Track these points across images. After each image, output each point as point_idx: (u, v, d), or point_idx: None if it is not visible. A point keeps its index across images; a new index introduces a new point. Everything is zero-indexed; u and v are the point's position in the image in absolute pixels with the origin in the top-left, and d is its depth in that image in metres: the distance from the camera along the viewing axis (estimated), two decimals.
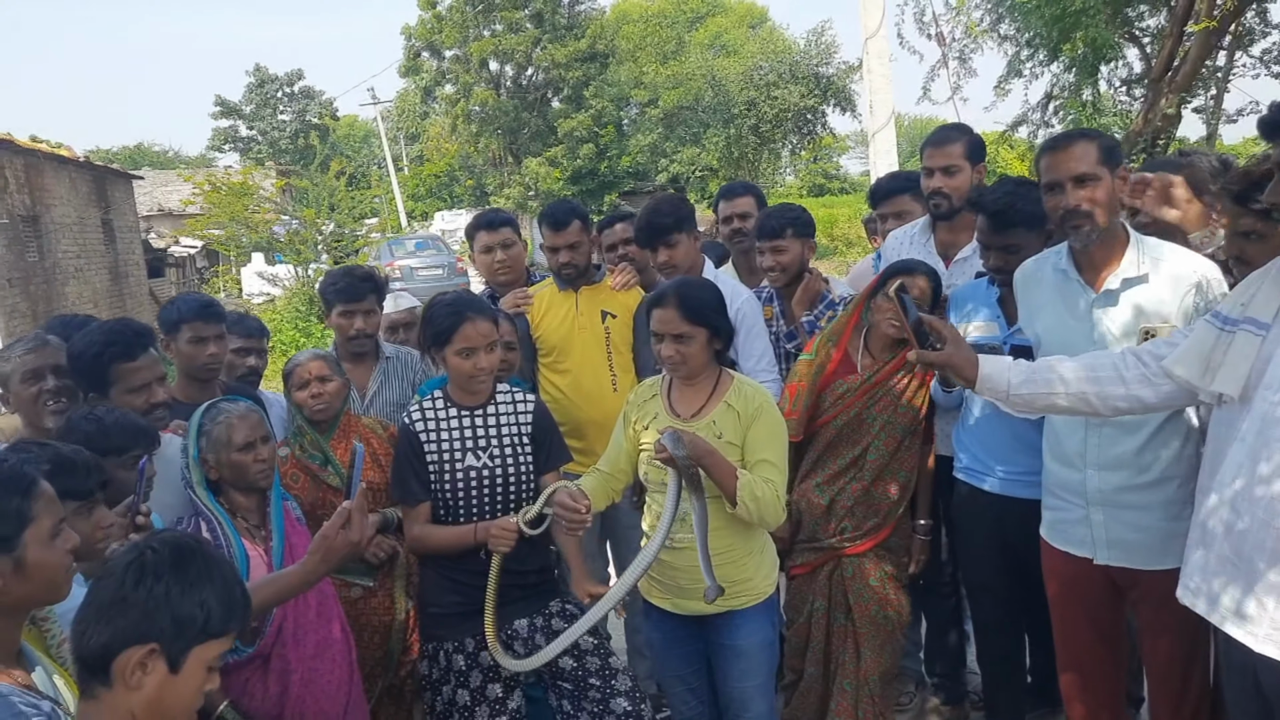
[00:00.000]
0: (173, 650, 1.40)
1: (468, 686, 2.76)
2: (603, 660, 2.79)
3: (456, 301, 2.81)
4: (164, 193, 26.82)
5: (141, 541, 1.49)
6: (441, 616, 2.83)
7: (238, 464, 2.58)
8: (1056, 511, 2.74)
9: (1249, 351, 2.09)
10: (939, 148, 3.38)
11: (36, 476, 1.65)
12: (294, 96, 56.22)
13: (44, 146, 14.90)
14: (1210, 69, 13.40)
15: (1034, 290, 2.76)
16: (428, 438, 2.81)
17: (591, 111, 27.50)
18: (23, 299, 12.20)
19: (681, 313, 2.59)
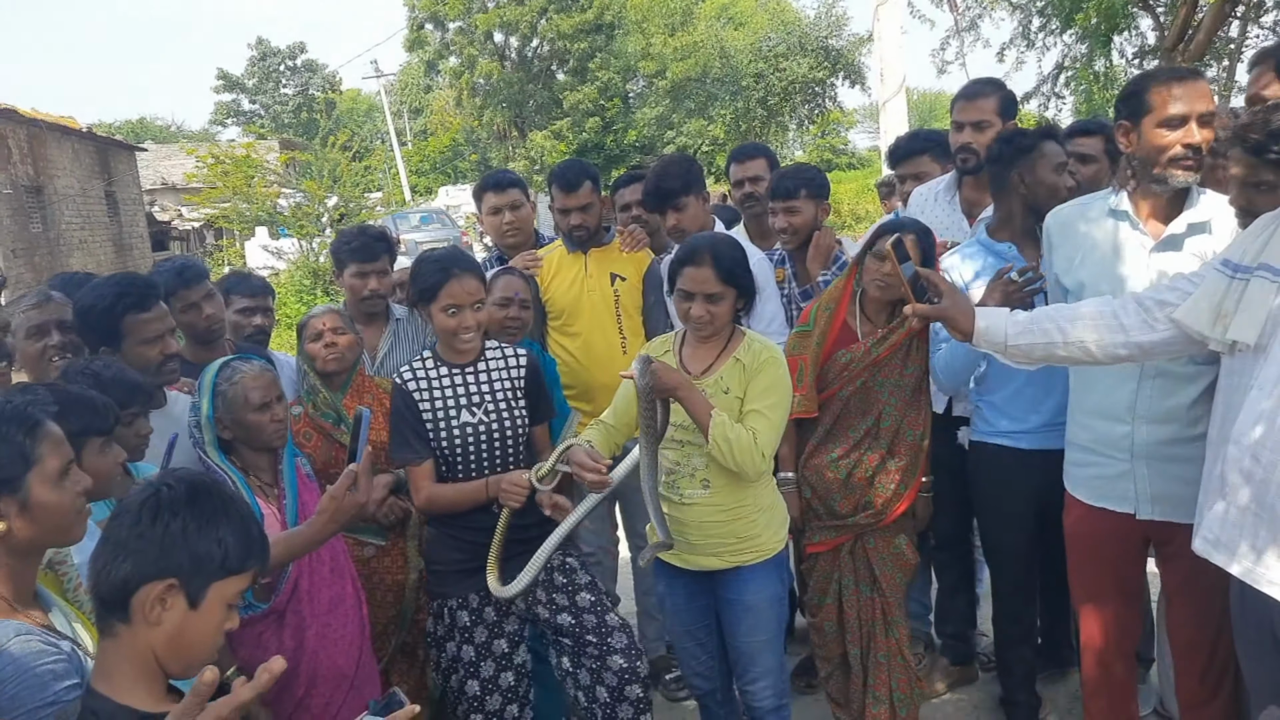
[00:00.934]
0: (192, 586, 1.39)
1: (473, 642, 2.78)
2: (599, 618, 2.78)
3: (444, 258, 2.80)
4: (167, 166, 26.73)
5: (157, 479, 1.47)
6: (446, 574, 2.83)
7: (254, 424, 2.56)
8: (1093, 468, 2.66)
9: (1265, 298, 2.06)
10: (970, 101, 3.31)
11: (42, 418, 1.64)
12: (296, 70, 56.01)
13: (47, 116, 14.83)
14: (1223, 40, 13.25)
15: (1076, 235, 2.66)
16: (421, 396, 2.79)
17: (598, 84, 27.30)
18: (27, 269, 12.20)
19: (717, 272, 2.56)
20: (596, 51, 27.46)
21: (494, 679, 2.79)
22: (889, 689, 3.00)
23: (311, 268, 16.07)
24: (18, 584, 1.59)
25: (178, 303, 2.97)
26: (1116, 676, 2.81)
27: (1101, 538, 2.69)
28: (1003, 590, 3.23)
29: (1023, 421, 3.02)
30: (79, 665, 1.49)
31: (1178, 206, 2.51)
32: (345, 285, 3.52)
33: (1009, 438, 3.06)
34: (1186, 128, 2.39)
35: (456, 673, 2.79)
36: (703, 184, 3.62)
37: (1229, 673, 2.59)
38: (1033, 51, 13.62)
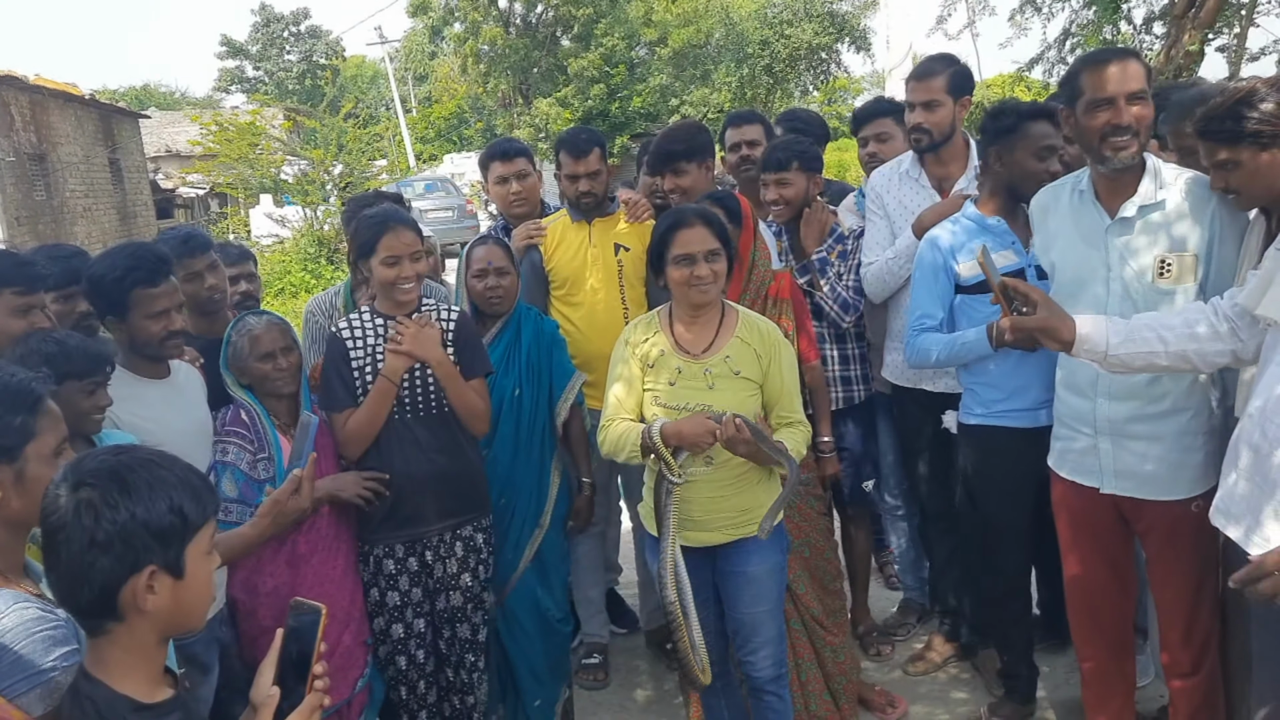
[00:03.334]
0: (169, 560, 1.36)
1: (397, 589, 2.92)
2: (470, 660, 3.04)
3: (379, 214, 2.93)
4: (171, 133, 26.62)
5: (67, 479, 1.37)
6: (372, 522, 2.91)
7: (258, 372, 2.74)
8: (1065, 441, 2.74)
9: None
10: (920, 81, 3.32)
11: (43, 393, 1.65)
12: (300, 36, 55.57)
13: (44, 80, 14.75)
14: (1235, 6, 13.06)
15: (1050, 217, 2.71)
16: (354, 345, 2.90)
17: (602, 50, 27.01)
18: (31, 237, 12.20)
19: (711, 230, 2.60)
20: (601, 17, 27.14)
21: (412, 625, 2.94)
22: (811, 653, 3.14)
23: (316, 235, 16.05)
24: (7, 556, 1.59)
25: (181, 271, 2.98)
26: (1110, 646, 2.83)
27: (1081, 511, 2.74)
28: (1002, 566, 3.23)
29: (1023, 397, 3.02)
30: (75, 632, 1.50)
31: (1134, 184, 2.52)
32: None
33: (1003, 417, 3.06)
34: (1115, 107, 2.42)
35: (382, 616, 2.93)
36: (709, 153, 3.59)
37: (1211, 647, 2.62)
38: (1039, 18, 13.44)
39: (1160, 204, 2.49)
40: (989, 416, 3.08)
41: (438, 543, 2.95)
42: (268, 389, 2.78)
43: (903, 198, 3.45)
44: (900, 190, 3.46)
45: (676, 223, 2.63)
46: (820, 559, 3.25)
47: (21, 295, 2.41)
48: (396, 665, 2.95)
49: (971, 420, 3.14)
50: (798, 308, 3.30)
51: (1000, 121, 2.97)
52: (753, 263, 3.22)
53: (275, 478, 2.70)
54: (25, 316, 2.41)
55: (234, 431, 2.72)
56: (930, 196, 3.39)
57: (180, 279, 2.94)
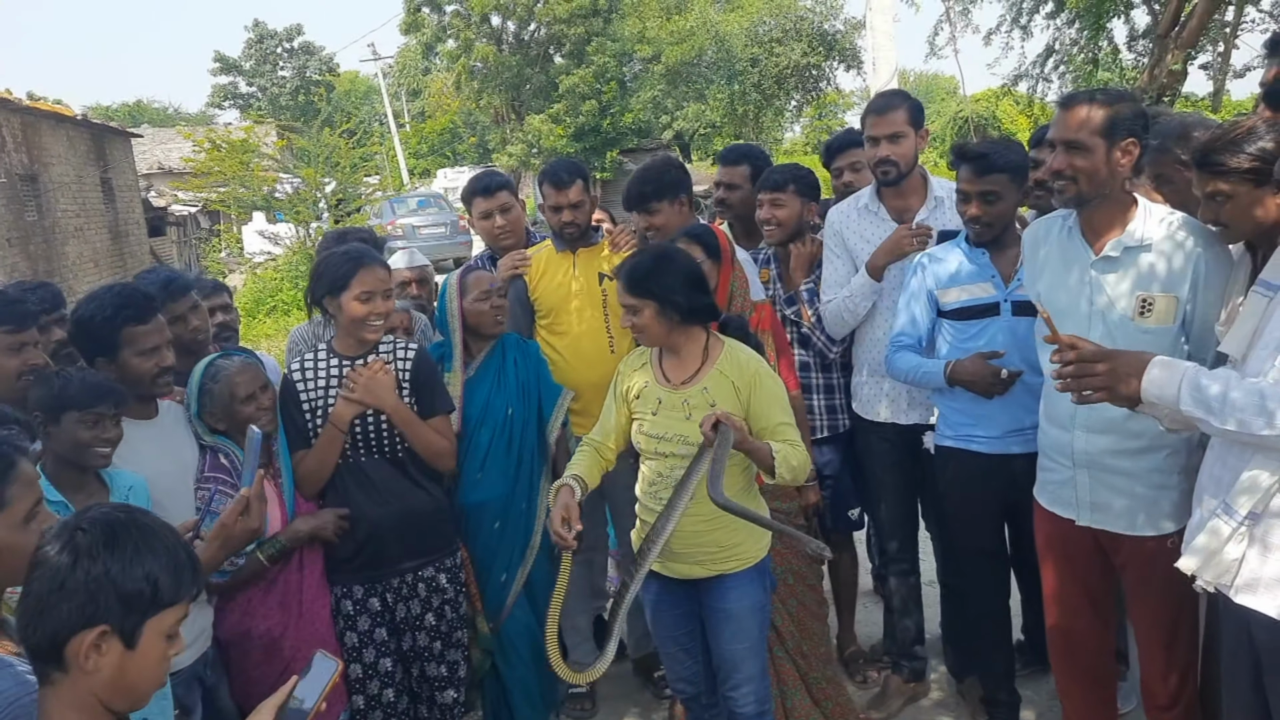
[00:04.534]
0: (125, 627, 1.34)
1: (355, 629, 2.95)
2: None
3: (351, 251, 2.92)
4: (164, 150, 26.63)
5: (70, 521, 1.39)
6: (334, 564, 2.94)
7: (242, 415, 2.73)
8: (1047, 472, 2.77)
9: (1256, 311, 2.11)
10: (882, 115, 3.35)
11: (16, 458, 1.62)
12: (294, 52, 55.69)
13: (41, 104, 14.79)
14: (1218, 24, 13.22)
15: (1041, 248, 2.76)
16: (305, 387, 2.90)
17: (594, 67, 27.19)
18: (22, 258, 12.19)
19: (625, 285, 2.66)
20: (593, 35, 27.32)
21: (374, 664, 2.95)
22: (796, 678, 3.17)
23: (308, 253, 16.05)
24: None
25: (164, 313, 3.01)
26: (1089, 675, 2.86)
27: (1060, 541, 2.77)
28: (974, 592, 3.28)
29: (985, 426, 3.08)
30: None
31: (1122, 223, 2.57)
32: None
33: (972, 441, 3.13)
34: (1054, 153, 2.52)
35: (341, 656, 2.93)
36: (682, 190, 3.60)
37: (1189, 680, 2.66)
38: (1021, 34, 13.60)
39: (1146, 245, 2.53)
40: (957, 440, 3.16)
41: (399, 584, 2.97)
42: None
43: (863, 232, 3.49)
44: (860, 225, 3.49)
45: (614, 270, 2.75)
46: (804, 586, 3.28)
47: (13, 333, 2.44)
48: (354, 704, 2.97)
49: (943, 442, 3.22)
50: (778, 339, 3.35)
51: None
52: (731, 294, 3.26)
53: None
54: (19, 354, 2.44)
55: (215, 478, 2.72)
56: (890, 229, 3.43)
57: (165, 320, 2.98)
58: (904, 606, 3.62)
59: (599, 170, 27.82)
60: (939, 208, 3.44)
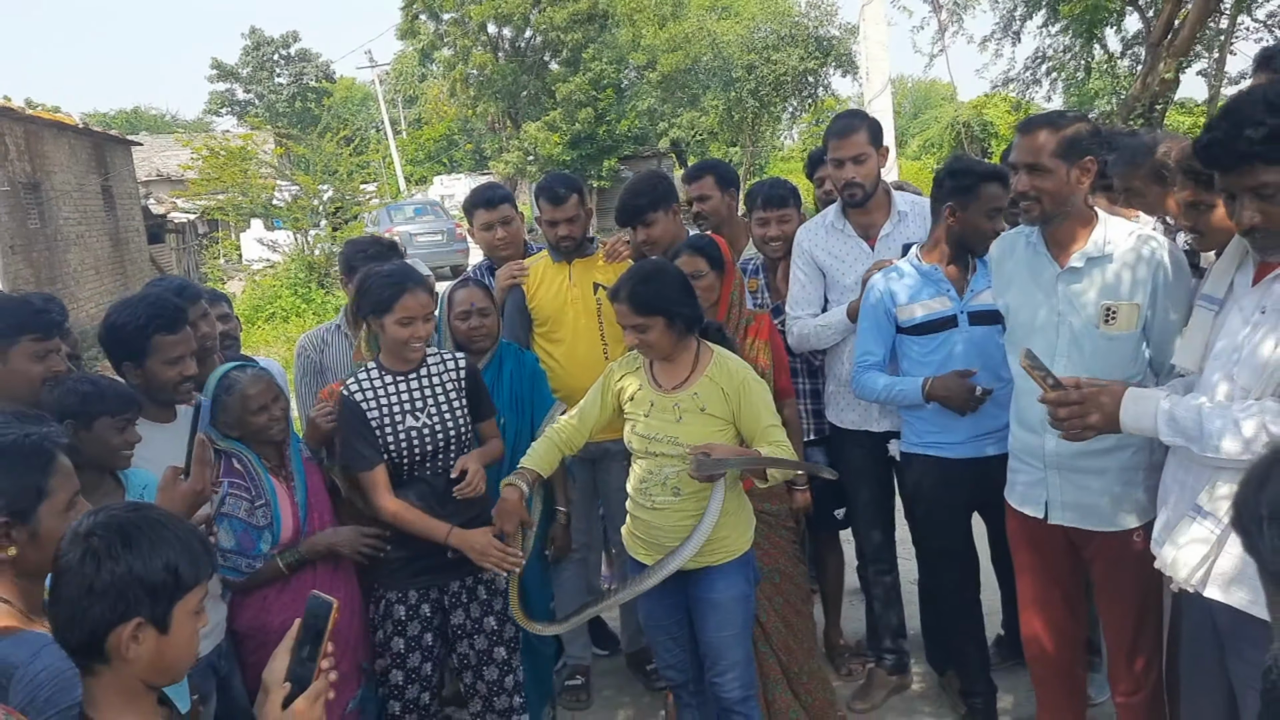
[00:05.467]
0: (156, 615, 1.46)
1: (404, 635, 3.02)
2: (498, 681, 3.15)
3: (395, 273, 2.98)
4: (162, 158, 26.75)
5: (81, 528, 1.50)
6: (391, 569, 3.03)
7: (255, 425, 2.85)
8: (1017, 474, 2.89)
9: (1204, 325, 2.26)
10: (844, 138, 3.46)
11: (55, 451, 1.76)
12: (290, 59, 55.87)
13: (41, 112, 14.92)
14: (1213, 31, 13.39)
15: (1007, 262, 2.88)
16: (368, 405, 2.98)
17: (590, 75, 27.35)
18: (25, 266, 12.31)
19: (631, 306, 2.76)
20: (589, 42, 27.49)
21: (417, 669, 3.04)
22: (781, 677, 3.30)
23: (306, 260, 16.18)
24: (30, 600, 1.71)
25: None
26: (1061, 665, 3.00)
27: (1032, 539, 2.90)
28: (945, 590, 3.43)
29: (951, 433, 3.23)
30: None
31: (1084, 236, 2.71)
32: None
33: (939, 448, 3.27)
34: (1017, 176, 2.66)
35: (383, 659, 3.04)
36: (673, 199, 3.78)
37: (1154, 666, 2.79)
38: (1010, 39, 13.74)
39: (1108, 256, 2.67)
40: (922, 446, 3.31)
41: (458, 588, 3.06)
42: (262, 438, 2.88)
43: (832, 249, 3.61)
44: (829, 242, 3.62)
45: (611, 295, 2.86)
46: (790, 584, 3.40)
47: (39, 341, 2.54)
48: (391, 708, 3.06)
49: (908, 449, 3.37)
50: (775, 348, 3.48)
51: (960, 180, 3.18)
52: (730, 303, 3.42)
53: (273, 523, 2.85)
54: (43, 361, 2.53)
55: (229, 481, 2.83)
56: (858, 245, 3.57)
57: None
58: (884, 603, 3.76)
59: (596, 178, 27.96)
60: (902, 222, 3.58)
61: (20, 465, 1.71)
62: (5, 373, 2.50)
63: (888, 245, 3.55)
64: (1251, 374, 2.11)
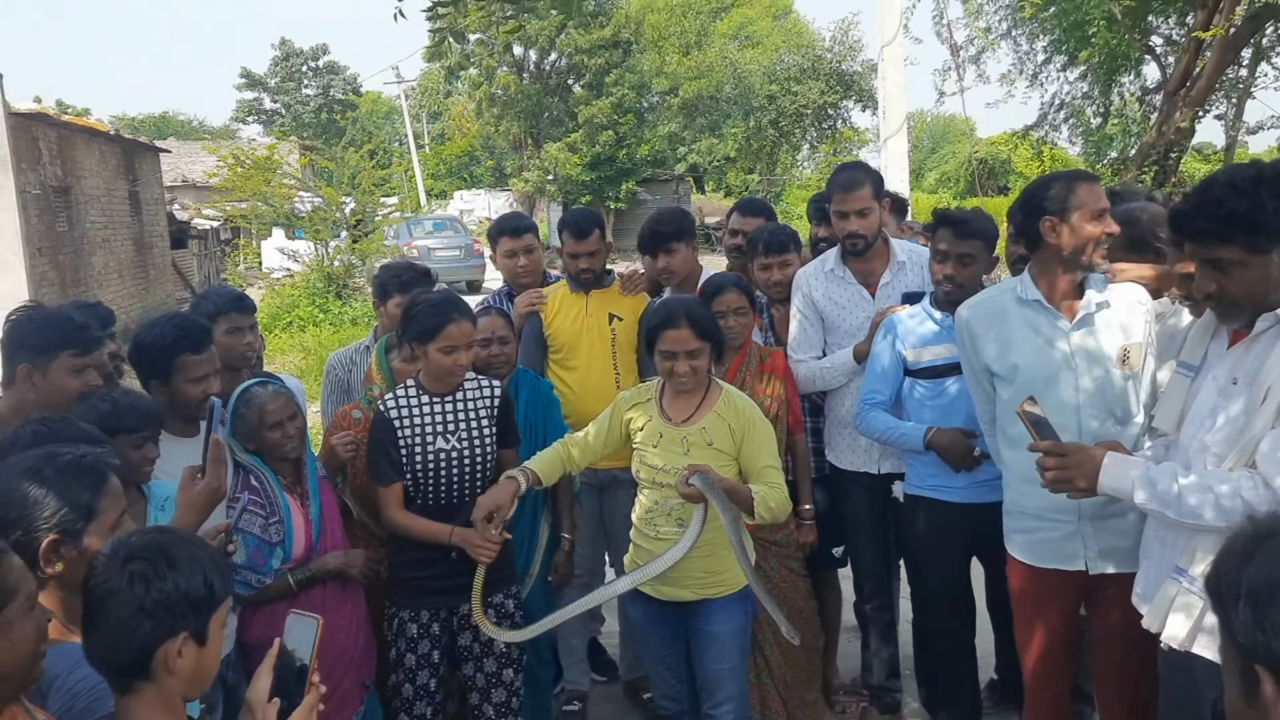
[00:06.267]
0: (198, 628, 1.56)
1: (416, 652, 3.11)
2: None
3: (441, 302, 3.06)
4: (188, 164, 27.08)
5: (116, 554, 1.57)
6: (407, 587, 3.13)
7: (269, 441, 2.94)
8: (1039, 533, 2.85)
9: (1181, 390, 2.36)
10: (849, 192, 3.54)
11: (107, 472, 1.86)
12: (319, 71, 56.52)
13: (73, 117, 15.19)
14: (1231, 79, 13.49)
15: (1001, 324, 2.89)
16: (400, 423, 3.07)
17: (612, 99, 27.58)
18: (51, 268, 12.52)
19: (694, 330, 2.84)
20: (612, 67, 27.74)
21: (425, 685, 3.13)
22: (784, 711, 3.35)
23: (326, 271, 16.38)
24: (70, 613, 1.77)
25: (226, 323, 3.25)
26: (1057, 712, 3.03)
27: (1046, 596, 2.89)
28: (941, 633, 3.49)
29: (954, 478, 3.30)
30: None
31: (1081, 289, 2.80)
32: (389, 314, 3.74)
33: (941, 491, 3.34)
34: (1107, 219, 2.71)
35: (396, 675, 3.13)
36: (693, 234, 3.95)
37: (1150, 713, 2.82)
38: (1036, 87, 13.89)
39: (1107, 303, 2.77)
40: (925, 489, 3.39)
41: (467, 611, 3.09)
42: (277, 454, 2.97)
43: (832, 294, 3.70)
44: (828, 288, 3.71)
45: (666, 321, 2.88)
46: (799, 619, 3.46)
47: (78, 356, 2.62)
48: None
49: (911, 490, 3.45)
50: (789, 385, 3.58)
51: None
52: (750, 339, 3.56)
53: (286, 540, 2.94)
54: (81, 376, 2.62)
55: (247, 497, 2.92)
56: (859, 293, 3.67)
57: (224, 330, 3.22)
58: (879, 642, 3.82)
59: (614, 200, 28.13)
60: (901, 270, 3.67)
61: (74, 485, 1.80)
62: (45, 385, 2.60)
63: (887, 294, 3.64)
64: (1225, 442, 2.19)
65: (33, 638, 1.59)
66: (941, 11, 11.98)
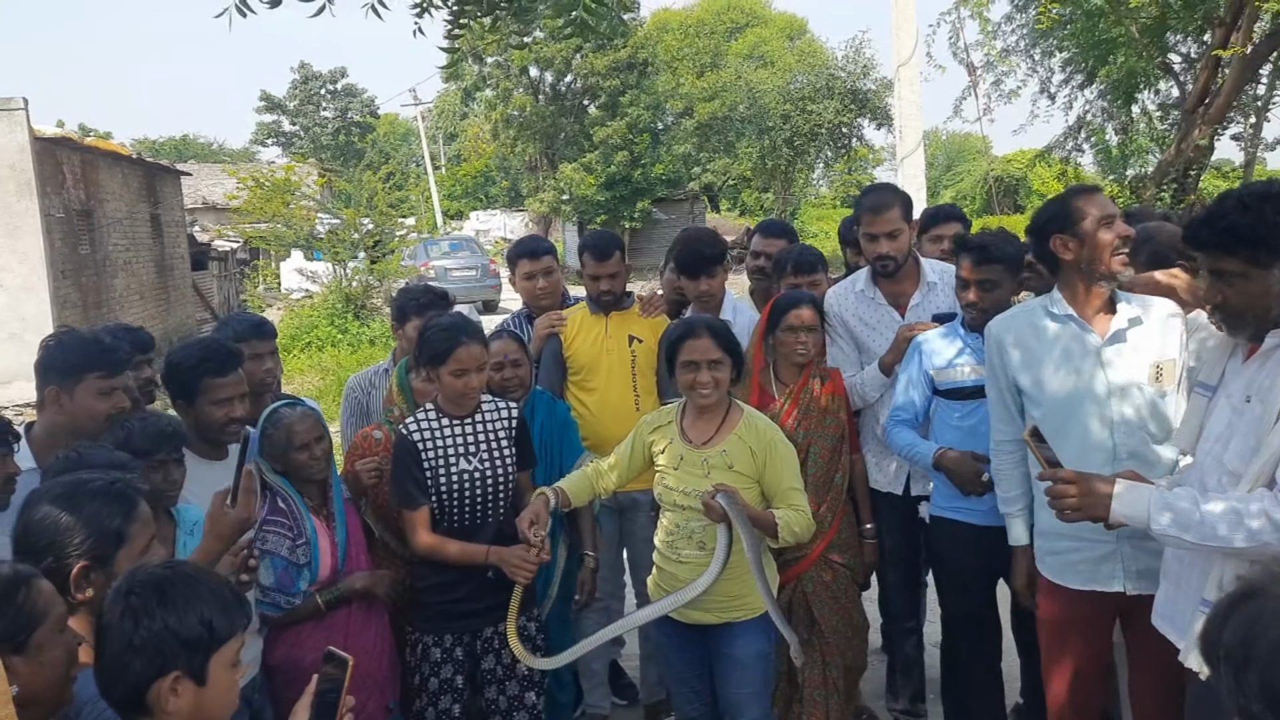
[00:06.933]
0: (193, 667, 1.53)
1: (439, 676, 3.11)
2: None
3: (452, 326, 3.09)
4: (208, 186, 27.35)
5: (121, 587, 1.58)
6: (431, 611, 3.12)
7: (296, 461, 2.96)
8: (1074, 554, 2.80)
9: (1198, 410, 2.36)
10: (878, 215, 3.55)
11: (137, 498, 1.87)
12: (337, 94, 57.04)
13: (96, 140, 15.38)
14: (1250, 96, 13.45)
15: (1029, 340, 2.87)
16: (424, 445, 3.09)
17: (627, 119, 27.74)
18: (74, 290, 12.65)
19: (715, 340, 2.88)
20: (628, 89, 27.90)
21: (449, 710, 3.13)
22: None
23: (344, 292, 16.49)
24: None
25: (246, 349, 3.26)
26: None
27: (1080, 618, 2.85)
28: (967, 655, 3.46)
29: (979, 499, 3.26)
30: None
31: (1112, 305, 2.79)
32: (407, 337, 3.76)
33: (965, 513, 3.31)
34: (1115, 225, 2.73)
35: (419, 699, 3.13)
36: (728, 257, 4.00)
37: None
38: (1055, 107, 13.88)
39: (1137, 319, 2.76)
40: (950, 510, 3.36)
41: (490, 635, 3.13)
42: (303, 475, 2.99)
43: (863, 315, 3.70)
44: (859, 308, 3.71)
45: (686, 333, 2.94)
46: (860, 639, 3.46)
47: (105, 379, 2.65)
48: None
49: (936, 512, 3.43)
50: (848, 404, 3.56)
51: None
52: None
53: (313, 561, 2.95)
54: (108, 398, 2.65)
55: (273, 520, 2.95)
56: (889, 313, 3.66)
57: (245, 357, 3.22)
58: (906, 664, 3.80)
59: (629, 220, 28.23)
60: (931, 291, 3.66)
61: (104, 511, 1.82)
62: (71, 407, 2.63)
63: (917, 315, 3.63)
64: (1240, 460, 2.18)
65: (63, 661, 1.61)
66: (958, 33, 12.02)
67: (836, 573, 3.38)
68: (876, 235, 3.56)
